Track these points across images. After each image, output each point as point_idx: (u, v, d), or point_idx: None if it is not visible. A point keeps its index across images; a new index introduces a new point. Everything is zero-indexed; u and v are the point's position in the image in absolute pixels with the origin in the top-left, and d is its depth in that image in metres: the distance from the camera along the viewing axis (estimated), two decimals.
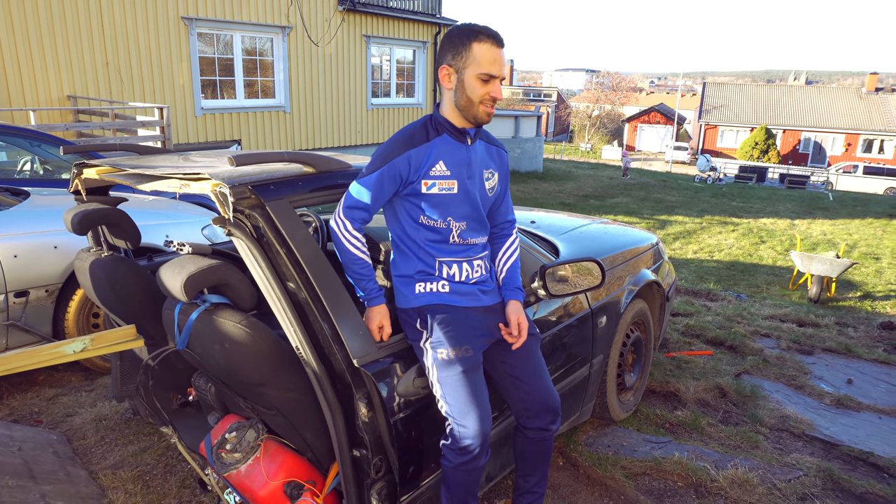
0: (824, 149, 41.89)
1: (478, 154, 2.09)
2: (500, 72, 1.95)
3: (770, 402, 3.77)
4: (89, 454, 2.92)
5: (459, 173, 2.03)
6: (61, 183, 5.31)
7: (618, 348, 3.24)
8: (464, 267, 2.12)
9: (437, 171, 1.99)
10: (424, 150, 1.99)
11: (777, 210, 16.22)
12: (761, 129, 39.65)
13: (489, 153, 2.15)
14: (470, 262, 2.13)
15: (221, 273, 2.02)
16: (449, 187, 2.01)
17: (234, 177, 1.94)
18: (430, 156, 1.99)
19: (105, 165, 2.45)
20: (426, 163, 1.99)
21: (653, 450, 3.12)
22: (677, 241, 11.55)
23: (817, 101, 43.01)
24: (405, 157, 1.97)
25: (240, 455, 2.10)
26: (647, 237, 3.90)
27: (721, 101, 44.98)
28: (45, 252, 3.48)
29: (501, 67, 1.95)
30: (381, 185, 1.98)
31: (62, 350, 2.47)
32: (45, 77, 9.17)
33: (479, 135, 2.11)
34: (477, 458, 1.99)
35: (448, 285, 2.10)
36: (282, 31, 12.44)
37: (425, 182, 1.99)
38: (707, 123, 44.60)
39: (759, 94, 45.05)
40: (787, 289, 8.25)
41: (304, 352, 1.91)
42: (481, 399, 2.00)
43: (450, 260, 2.10)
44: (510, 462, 2.51)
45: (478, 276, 2.15)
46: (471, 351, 2.03)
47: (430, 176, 1.99)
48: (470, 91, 1.95)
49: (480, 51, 1.92)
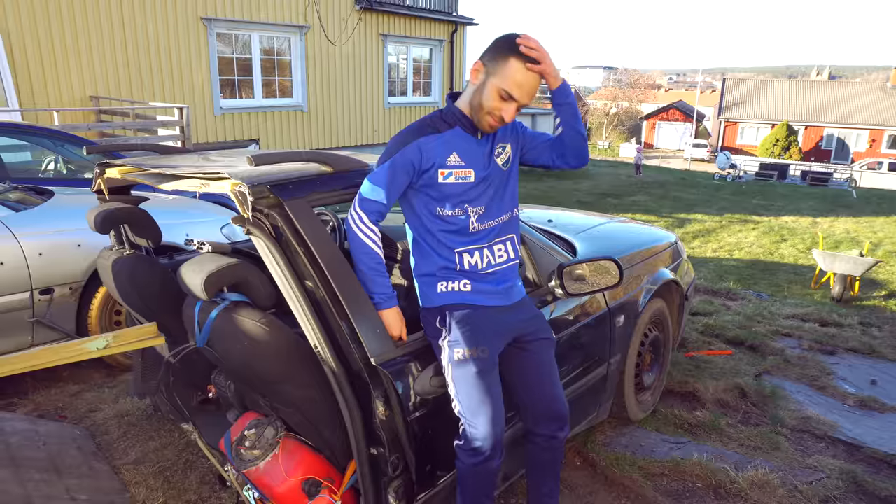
0: (848, 145, 41.25)
1: (489, 143, 2.08)
2: (521, 97, 1.91)
3: (791, 403, 3.73)
4: (112, 449, 2.96)
5: (475, 163, 2.03)
6: (84, 182, 5.39)
7: (636, 348, 3.22)
8: (485, 254, 2.10)
9: (452, 161, 2.00)
10: (436, 140, 1.99)
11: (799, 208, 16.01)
12: (782, 125, 39.14)
13: (501, 131, 2.11)
14: (490, 247, 2.10)
15: (241, 272, 2.04)
16: (466, 176, 2.02)
17: (253, 176, 1.96)
18: (443, 147, 1.99)
19: (127, 165, 2.49)
20: (440, 153, 1.99)
21: (671, 450, 3.10)
22: (696, 239, 11.44)
23: (840, 96, 42.33)
24: (416, 146, 1.97)
25: (259, 452, 2.12)
26: (666, 236, 3.87)
27: (741, 98, 44.44)
28: (69, 250, 3.53)
29: (525, 93, 1.91)
30: (393, 174, 1.98)
31: (85, 347, 2.51)
32: (67, 78, 9.31)
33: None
34: (489, 460, 1.99)
35: (470, 284, 2.08)
36: (299, 31, 12.51)
37: (442, 171, 1.99)
38: (727, 120, 44.11)
39: (780, 90, 44.46)
40: (810, 288, 8.14)
41: (322, 350, 1.92)
42: (494, 400, 1.99)
43: (470, 248, 2.08)
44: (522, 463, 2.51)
45: (501, 261, 2.13)
46: (486, 352, 2.03)
47: (447, 165, 2.00)
48: (485, 98, 1.94)
49: (513, 68, 1.89)
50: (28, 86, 8.92)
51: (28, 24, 8.77)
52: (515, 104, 1.93)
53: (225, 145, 11.38)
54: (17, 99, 8.61)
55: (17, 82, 8.70)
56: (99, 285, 3.64)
